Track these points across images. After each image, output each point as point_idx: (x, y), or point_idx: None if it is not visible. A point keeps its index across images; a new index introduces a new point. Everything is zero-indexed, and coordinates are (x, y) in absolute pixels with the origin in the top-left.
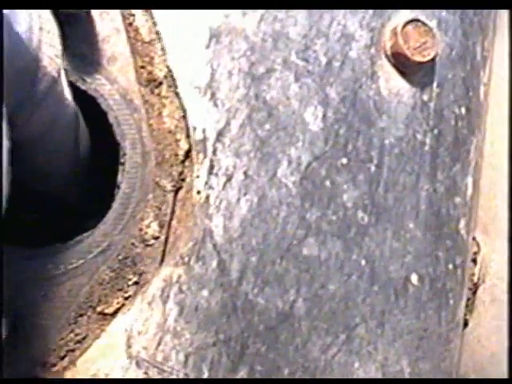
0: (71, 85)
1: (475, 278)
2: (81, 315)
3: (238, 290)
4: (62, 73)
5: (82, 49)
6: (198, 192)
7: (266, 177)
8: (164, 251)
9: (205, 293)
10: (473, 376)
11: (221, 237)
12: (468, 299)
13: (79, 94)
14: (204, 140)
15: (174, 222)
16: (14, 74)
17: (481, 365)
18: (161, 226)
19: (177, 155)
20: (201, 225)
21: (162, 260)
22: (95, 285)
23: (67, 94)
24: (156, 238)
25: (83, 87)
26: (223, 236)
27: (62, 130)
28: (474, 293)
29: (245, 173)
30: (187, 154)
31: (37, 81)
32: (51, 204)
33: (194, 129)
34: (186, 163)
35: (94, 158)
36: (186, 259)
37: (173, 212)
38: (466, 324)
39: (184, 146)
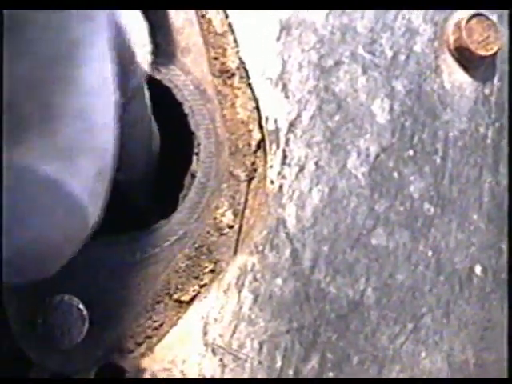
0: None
1: None
2: (158, 302)
3: (310, 279)
4: None
5: (156, 39)
6: (272, 182)
7: (336, 168)
8: (238, 240)
9: (278, 281)
10: None
11: (293, 226)
12: None
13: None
14: (276, 130)
15: (247, 212)
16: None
17: None
18: (235, 215)
19: (250, 145)
20: (274, 214)
21: (236, 249)
22: (171, 272)
23: (148, 96)
24: (230, 227)
25: (158, 77)
26: (296, 225)
27: (142, 133)
28: None
29: (316, 163)
30: (260, 144)
31: (131, 75)
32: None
33: (267, 119)
34: (259, 153)
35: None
36: (260, 248)
37: (246, 201)
38: None
39: (257, 136)
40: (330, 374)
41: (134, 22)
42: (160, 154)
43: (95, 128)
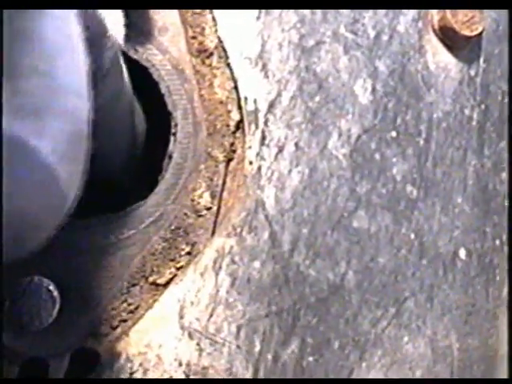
0: (123, 54)
1: None
2: (133, 285)
3: (289, 262)
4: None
5: (132, 18)
6: (250, 163)
7: (316, 149)
8: (215, 222)
9: (257, 264)
10: None
11: (272, 208)
12: None
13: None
14: (255, 111)
15: (225, 193)
16: (87, 39)
17: None
18: (213, 197)
19: (228, 126)
20: (253, 196)
21: (214, 231)
22: (147, 255)
23: (125, 71)
24: (208, 209)
25: (135, 57)
26: (275, 207)
27: (123, 108)
28: None
29: (296, 144)
30: (238, 124)
31: (104, 50)
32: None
33: (246, 100)
34: (237, 134)
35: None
36: (238, 230)
37: (224, 183)
38: None
39: (235, 116)
40: (310, 359)
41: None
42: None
43: (63, 89)
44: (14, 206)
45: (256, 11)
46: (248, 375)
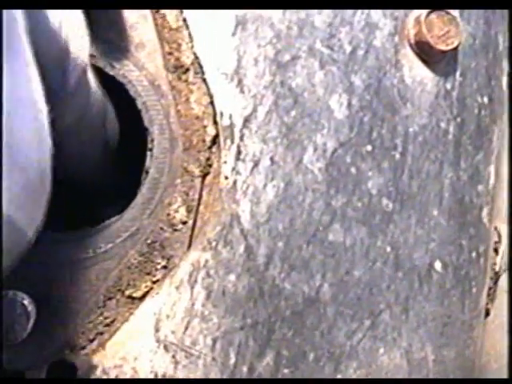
0: (99, 71)
1: (497, 268)
2: (109, 299)
3: (264, 275)
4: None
5: (109, 35)
6: (226, 177)
7: (292, 163)
8: (192, 236)
9: (232, 277)
10: (494, 366)
11: (248, 222)
12: (489, 288)
13: (107, 80)
14: (231, 126)
15: (201, 207)
16: (48, 64)
17: (502, 354)
18: (188, 211)
19: (204, 141)
20: (228, 210)
21: (190, 244)
22: (124, 269)
23: (94, 82)
24: (184, 223)
25: (111, 73)
26: (250, 221)
27: (93, 119)
28: (496, 282)
29: (271, 159)
30: (214, 139)
31: (68, 72)
32: (74, 191)
33: (221, 115)
34: (213, 149)
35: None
36: (214, 244)
37: (200, 197)
38: (487, 313)
39: (211, 131)
40: (286, 371)
41: (68, 15)
42: (118, 150)
43: (19, 146)
44: None
45: (232, 27)
46: None
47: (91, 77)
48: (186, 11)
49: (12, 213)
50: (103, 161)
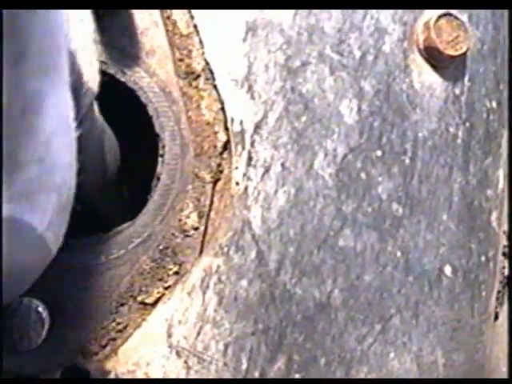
0: (111, 77)
1: (506, 272)
2: (122, 305)
3: (276, 280)
4: None
5: (121, 41)
6: (237, 183)
7: (302, 168)
8: (203, 242)
9: (244, 283)
10: (503, 369)
11: (259, 227)
12: (498, 292)
13: (118, 87)
14: (242, 132)
15: (212, 213)
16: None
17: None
18: (200, 217)
19: (215, 147)
20: (239, 216)
21: (202, 250)
22: (136, 275)
23: (96, 106)
24: (195, 229)
25: (123, 79)
26: (261, 227)
27: (94, 145)
28: (504, 286)
29: (282, 164)
30: (225, 145)
31: (80, 96)
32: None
33: (232, 121)
34: (224, 155)
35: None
36: (225, 249)
37: (211, 203)
38: (496, 317)
39: (222, 137)
40: (297, 376)
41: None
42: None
43: (54, 169)
44: (9, 269)
45: (242, 34)
46: None
47: (94, 103)
48: (196, 17)
49: (43, 232)
50: (102, 188)
